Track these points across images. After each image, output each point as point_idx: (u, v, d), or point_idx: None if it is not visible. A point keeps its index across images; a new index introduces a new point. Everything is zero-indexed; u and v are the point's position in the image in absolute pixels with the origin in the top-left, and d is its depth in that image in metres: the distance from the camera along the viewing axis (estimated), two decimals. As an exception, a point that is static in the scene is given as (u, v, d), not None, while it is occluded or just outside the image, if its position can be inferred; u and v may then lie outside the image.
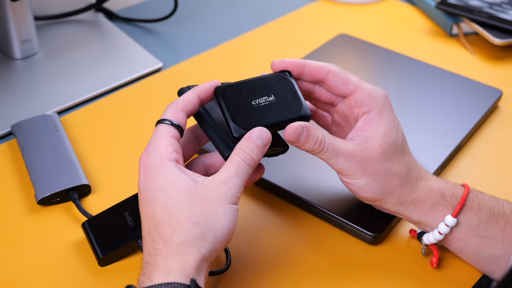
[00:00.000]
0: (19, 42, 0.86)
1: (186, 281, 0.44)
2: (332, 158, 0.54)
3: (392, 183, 0.54)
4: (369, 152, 0.53)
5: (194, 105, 0.53)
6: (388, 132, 0.54)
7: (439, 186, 0.55)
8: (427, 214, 0.55)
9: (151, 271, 0.45)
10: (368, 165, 0.53)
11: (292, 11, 1.04)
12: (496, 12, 0.93)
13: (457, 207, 0.54)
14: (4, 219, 0.63)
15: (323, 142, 0.53)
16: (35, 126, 0.72)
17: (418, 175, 0.56)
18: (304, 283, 0.57)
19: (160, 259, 0.46)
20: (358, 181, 0.54)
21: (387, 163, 0.54)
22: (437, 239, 0.56)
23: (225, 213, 0.48)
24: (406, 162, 0.55)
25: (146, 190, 0.49)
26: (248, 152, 0.51)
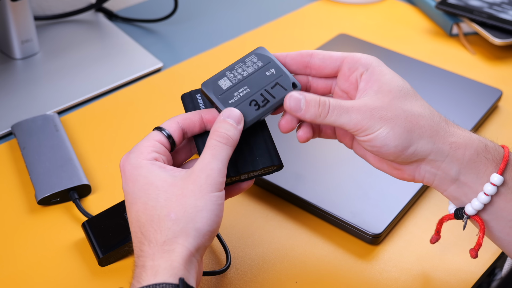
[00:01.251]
0: (19, 42, 0.86)
1: (174, 280, 0.44)
2: (344, 115, 0.49)
3: (419, 124, 0.49)
4: (382, 100, 0.49)
5: (194, 123, 0.51)
6: (393, 79, 0.50)
7: (478, 136, 0.50)
8: (469, 166, 0.49)
9: (140, 273, 0.45)
10: (385, 111, 0.48)
11: (292, 11, 1.04)
12: (496, 12, 0.93)
13: (502, 163, 0.49)
14: (4, 219, 0.63)
15: (326, 102, 0.49)
16: (35, 126, 0.72)
17: (446, 120, 0.50)
18: (304, 283, 0.57)
19: (147, 260, 0.45)
20: (380, 131, 0.48)
21: (405, 105, 0.49)
22: (484, 202, 0.49)
23: (206, 203, 0.46)
24: (426, 105, 0.50)
25: (128, 192, 0.48)
26: (223, 131, 0.48)
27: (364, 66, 0.51)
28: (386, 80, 0.50)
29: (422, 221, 0.63)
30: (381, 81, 0.50)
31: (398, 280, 0.57)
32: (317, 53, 0.53)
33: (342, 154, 0.70)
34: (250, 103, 0.51)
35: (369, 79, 0.50)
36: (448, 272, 0.58)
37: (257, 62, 0.53)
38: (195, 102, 0.54)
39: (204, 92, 0.52)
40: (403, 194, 0.64)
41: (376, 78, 0.50)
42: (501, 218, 0.50)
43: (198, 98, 0.55)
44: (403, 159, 0.50)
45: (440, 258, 0.59)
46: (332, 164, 0.68)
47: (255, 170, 0.51)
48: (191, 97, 0.55)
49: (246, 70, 0.53)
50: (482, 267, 0.59)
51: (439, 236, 0.56)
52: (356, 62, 0.51)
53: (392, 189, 0.65)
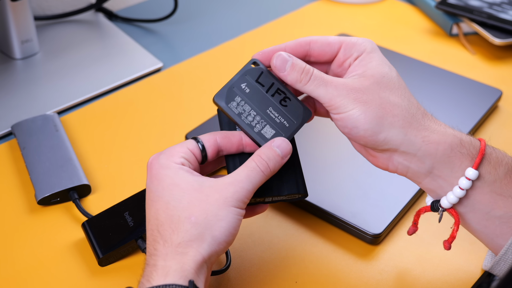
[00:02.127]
0: (19, 42, 0.86)
1: (184, 282, 0.44)
2: (321, 88, 0.49)
3: (393, 113, 0.48)
4: (362, 82, 0.49)
5: (232, 144, 0.51)
6: (379, 66, 0.51)
7: (453, 131, 0.50)
8: (443, 160, 0.49)
9: (150, 272, 0.45)
10: (361, 93, 0.49)
11: (292, 11, 1.04)
12: (496, 12, 0.93)
13: (477, 157, 0.49)
14: (4, 219, 0.63)
15: (310, 71, 0.50)
16: (35, 126, 0.72)
17: (424, 113, 0.50)
18: (304, 283, 0.57)
19: (159, 260, 0.45)
20: (351, 112, 0.49)
21: (382, 92, 0.49)
22: (459, 196, 0.49)
23: (227, 214, 0.47)
24: (407, 96, 0.50)
25: (151, 190, 0.49)
26: (265, 159, 0.49)
27: (358, 51, 0.52)
28: (372, 66, 0.51)
29: (422, 221, 0.63)
30: (367, 66, 0.51)
31: (398, 280, 0.57)
32: (315, 40, 0.53)
33: (342, 154, 0.70)
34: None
35: (358, 64, 0.51)
36: (448, 272, 0.58)
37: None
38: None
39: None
40: (403, 194, 0.64)
41: (364, 63, 0.51)
42: (477, 211, 0.50)
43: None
44: (373, 145, 0.50)
45: (440, 258, 0.59)
46: (332, 164, 0.68)
47: (280, 195, 0.51)
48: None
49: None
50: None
51: (416, 228, 0.56)
52: (351, 48, 0.52)
53: (392, 189, 0.65)
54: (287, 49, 0.53)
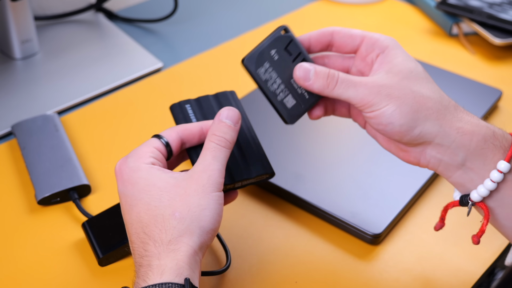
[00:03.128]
0: (19, 42, 0.86)
1: (180, 280, 0.44)
2: (351, 89, 0.49)
3: (427, 106, 0.48)
4: (391, 79, 0.49)
5: (194, 134, 0.52)
6: (405, 61, 0.50)
7: (486, 123, 0.49)
8: (476, 153, 0.48)
9: (146, 272, 0.45)
10: (393, 89, 0.48)
11: (292, 11, 1.04)
12: (496, 12, 0.93)
13: (510, 150, 0.48)
14: (4, 219, 0.63)
15: (335, 75, 0.50)
16: (35, 126, 0.72)
17: (456, 105, 0.50)
18: (304, 283, 0.57)
19: (153, 259, 0.45)
20: (386, 108, 0.48)
21: (414, 86, 0.49)
22: (490, 189, 0.48)
23: (209, 202, 0.47)
24: (437, 89, 0.50)
25: (127, 195, 0.48)
26: (221, 134, 0.50)
27: (381, 48, 0.52)
28: (398, 62, 0.50)
29: (422, 221, 0.63)
30: (393, 63, 0.50)
31: (398, 280, 0.57)
32: (337, 31, 0.53)
33: (342, 154, 0.70)
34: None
35: (382, 61, 0.51)
36: (448, 272, 0.58)
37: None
38: (185, 112, 0.55)
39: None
40: (403, 194, 0.64)
41: (389, 59, 0.51)
42: (507, 205, 0.50)
43: (188, 108, 0.56)
44: (409, 140, 0.49)
45: (440, 258, 0.59)
46: (332, 164, 0.68)
47: (249, 178, 0.53)
48: (181, 108, 0.56)
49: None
50: (482, 267, 0.59)
51: (444, 224, 0.56)
52: (373, 43, 0.52)
53: (392, 189, 0.65)
54: (311, 39, 0.54)
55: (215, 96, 0.57)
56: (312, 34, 0.54)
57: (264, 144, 0.69)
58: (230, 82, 0.85)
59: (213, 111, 0.55)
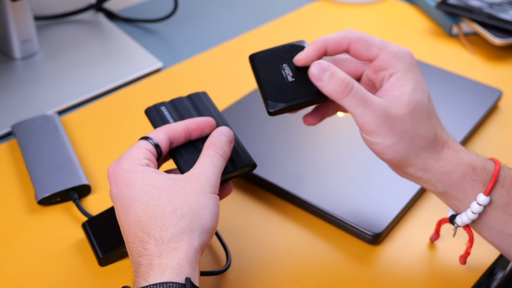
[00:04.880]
0: (19, 42, 0.86)
1: (181, 279, 0.44)
2: (360, 107, 0.49)
3: (419, 145, 0.50)
4: (398, 110, 0.49)
5: (180, 133, 0.53)
6: (415, 92, 0.50)
7: (469, 158, 0.51)
8: (455, 187, 0.51)
9: (146, 272, 0.45)
10: (396, 124, 0.49)
11: (292, 11, 1.04)
12: (496, 12, 0.93)
13: (489, 184, 0.50)
14: (4, 219, 0.63)
15: (350, 84, 0.49)
16: (35, 126, 0.72)
17: (445, 142, 0.52)
18: (304, 283, 0.57)
19: (153, 258, 0.45)
20: (384, 141, 0.50)
21: (415, 123, 0.50)
22: (471, 218, 0.52)
23: (208, 201, 0.48)
24: (433, 126, 0.51)
25: (122, 196, 0.49)
26: (220, 144, 0.52)
27: (395, 67, 0.51)
28: (407, 91, 0.50)
29: (422, 221, 0.63)
30: (403, 90, 0.50)
31: (398, 280, 0.57)
32: (355, 41, 0.52)
33: (342, 154, 0.70)
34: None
35: (394, 82, 0.51)
36: (448, 272, 0.58)
37: None
38: (161, 114, 0.56)
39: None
40: (403, 194, 0.64)
41: (400, 84, 0.50)
42: (492, 229, 0.52)
43: (164, 110, 0.57)
44: (395, 166, 0.53)
45: (440, 258, 0.59)
46: (332, 164, 0.68)
47: (234, 170, 0.54)
48: (157, 110, 0.57)
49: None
50: (482, 267, 0.59)
51: (439, 235, 0.59)
52: (389, 61, 0.51)
53: (392, 189, 0.65)
54: (329, 45, 0.53)
55: (188, 98, 0.58)
56: (329, 40, 0.53)
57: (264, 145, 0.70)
58: (230, 82, 0.85)
59: (189, 112, 0.56)
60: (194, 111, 0.57)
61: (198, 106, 0.57)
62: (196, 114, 0.56)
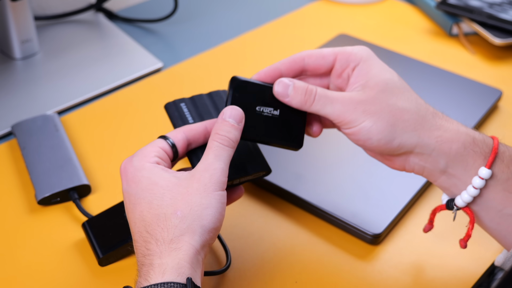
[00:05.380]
0: (19, 42, 0.86)
1: (182, 279, 0.44)
2: (328, 105, 0.50)
3: (403, 118, 0.49)
4: (367, 94, 0.49)
5: (199, 134, 0.52)
6: (381, 73, 0.50)
7: (466, 129, 0.50)
8: (456, 159, 0.49)
9: (147, 272, 0.45)
10: (369, 105, 0.49)
11: (292, 11, 1.04)
12: (496, 12, 0.93)
13: (490, 156, 0.49)
14: (4, 219, 0.63)
15: (313, 91, 0.50)
16: (35, 126, 0.72)
17: (434, 113, 0.50)
18: (304, 283, 0.57)
19: (154, 258, 0.46)
20: (363, 125, 0.49)
21: (390, 99, 0.49)
22: (473, 195, 0.49)
23: (211, 201, 0.47)
24: (414, 98, 0.50)
25: (131, 193, 0.49)
26: (224, 133, 0.49)
27: (355, 61, 0.52)
28: (373, 74, 0.50)
29: (422, 221, 0.63)
30: (368, 75, 0.51)
31: (398, 280, 0.57)
32: (309, 55, 0.53)
33: (342, 154, 0.70)
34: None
35: (358, 74, 0.51)
36: (448, 272, 0.58)
37: None
38: (180, 111, 0.55)
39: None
40: (403, 194, 0.64)
41: (364, 72, 0.51)
42: (491, 209, 0.51)
43: (183, 107, 0.56)
44: (389, 152, 0.51)
45: (440, 258, 0.59)
46: (332, 164, 0.68)
47: (247, 175, 0.53)
48: (176, 107, 0.56)
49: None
50: (482, 267, 0.59)
51: (432, 226, 0.57)
52: (347, 58, 0.52)
53: (392, 189, 0.65)
54: (282, 67, 0.53)
55: (209, 95, 0.57)
56: (283, 61, 0.53)
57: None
58: (230, 82, 0.85)
59: (208, 110, 0.56)
60: (213, 110, 0.56)
61: (218, 105, 0.56)
62: (215, 112, 0.55)
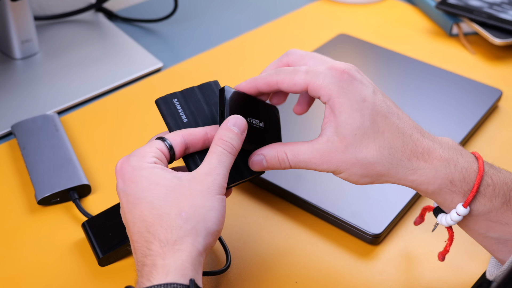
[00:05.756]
0: (19, 42, 0.86)
1: (185, 281, 0.44)
2: (303, 164, 0.51)
3: (376, 170, 0.49)
4: (337, 147, 0.49)
5: (198, 139, 0.51)
6: (349, 120, 0.49)
7: (445, 170, 0.49)
8: (433, 196, 0.51)
9: (150, 272, 0.45)
10: (339, 163, 0.50)
11: (292, 11, 1.04)
12: (496, 12, 0.93)
13: (468, 196, 0.49)
14: (4, 219, 0.63)
15: (285, 158, 0.51)
16: (35, 126, 0.72)
17: (412, 153, 0.50)
18: (304, 283, 0.57)
19: (157, 259, 0.45)
20: (342, 175, 0.51)
21: (359, 152, 0.49)
22: (455, 220, 0.51)
23: (214, 204, 0.47)
24: (385, 144, 0.49)
25: (129, 194, 0.48)
26: (228, 140, 0.50)
27: (325, 96, 0.50)
28: (342, 121, 0.49)
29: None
30: (337, 121, 0.49)
31: (398, 280, 0.57)
32: (281, 81, 0.52)
33: (342, 154, 0.70)
34: None
35: (328, 114, 0.50)
36: (448, 272, 0.58)
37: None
38: (173, 108, 0.54)
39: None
40: (403, 194, 0.64)
41: (334, 114, 0.50)
42: (473, 231, 0.52)
43: (176, 103, 0.55)
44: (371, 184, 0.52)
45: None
46: (332, 164, 0.68)
47: (244, 178, 0.53)
48: (168, 103, 0.54)
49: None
50: (482, 267, 0.59)
51: (423, 219, 0.58)
52: (318, 91, 0.50)
53: (392, 189, 0.64)
54: (259, 85, 0.53)
55: (199, 88, 0.56)
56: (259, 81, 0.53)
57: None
58: (230, 82, 0.85)
59: (201, 106, 0.55)
60: (206, 105, 0.55)
61: (210, 100, 0.55)
62: (207, 109, 0.55)
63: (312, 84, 0.50)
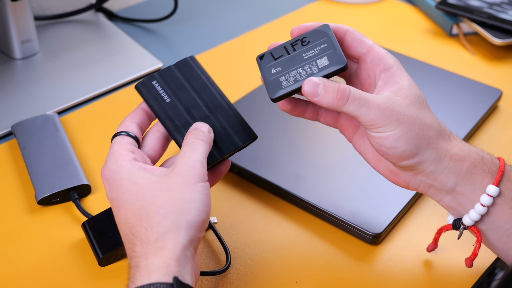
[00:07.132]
0: (19, 42, 0.86)
1: (168, 279, 0.43)
2: (363, 108, 0.49)
3: (429, 134, 0.50)
4: (400, 103, 0.49)
5: (142, 115, 0.54)
6: (412, 86, 0.51)
7: (476, 149, 0.52)
8: (466, 178, 0.50)
9: (134, 274, 0.45)
10: (402, 115, 0.49)
11: (292, 11, 1.04)
12: (496, 12, 0.93)
13: (498, 174, 0.50)
14: (4, 219, 0.63)
15: (346, 90, 0.49)
16: (35, 126, 0.72)
17: (450, 133, 0.52)
18: (304, 283, 0.57)
19: (140, 260, 0.45)
20: (394, 132, 0.49)
21: (419, 113, 0.50)
22: (481, 213, 0.50)
23: (193, 194, 0.47)
24: (435, 118, 0.52)
25: (114, 198, 0.48)
26: (198, 132, 0.51)
27: (386, 65, 0.52)
28: (405, 86, 0.51)
29: (422, 221, 0.63)
30: (400, 85, 0.51)
31: (398, 280, 0.57)
32: (351, 32, 0.54)
33: (342, 154, 0.70)
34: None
35: (388, 80, 0.51)
36: (448, 272, 0.58)
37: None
38: (153, 90, 0.55)
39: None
40: (403, 194, 0.64)
41: (395, 80, 0.51)
42: (498, 228, 0.51)
43: (156, 85, 0.55)
44: (405, 165, 0.51)
45: (440, 258, 0.59)
46: (332, 164, 0.68)
47: (236, 147, 0.53)
48: (148, 86, 0.55)
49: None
50: (482, 267, 0.59)
51: (436, 246, 0.58)
52: (379, 59, 0.52)
53: (392, 189, 0.64)
54: (332, 24, 0.53)
55: (176, 66, 0.56)
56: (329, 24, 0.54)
57: (264, 144, 0.69)
58: (230, 82, 0.85)
59: (181, 83, 0.55)
60: (186, 82, 0.55)
61: (189, 76, 0.56)
62: (188, 84, 0.55)
63: (376, 49, 0.53)
